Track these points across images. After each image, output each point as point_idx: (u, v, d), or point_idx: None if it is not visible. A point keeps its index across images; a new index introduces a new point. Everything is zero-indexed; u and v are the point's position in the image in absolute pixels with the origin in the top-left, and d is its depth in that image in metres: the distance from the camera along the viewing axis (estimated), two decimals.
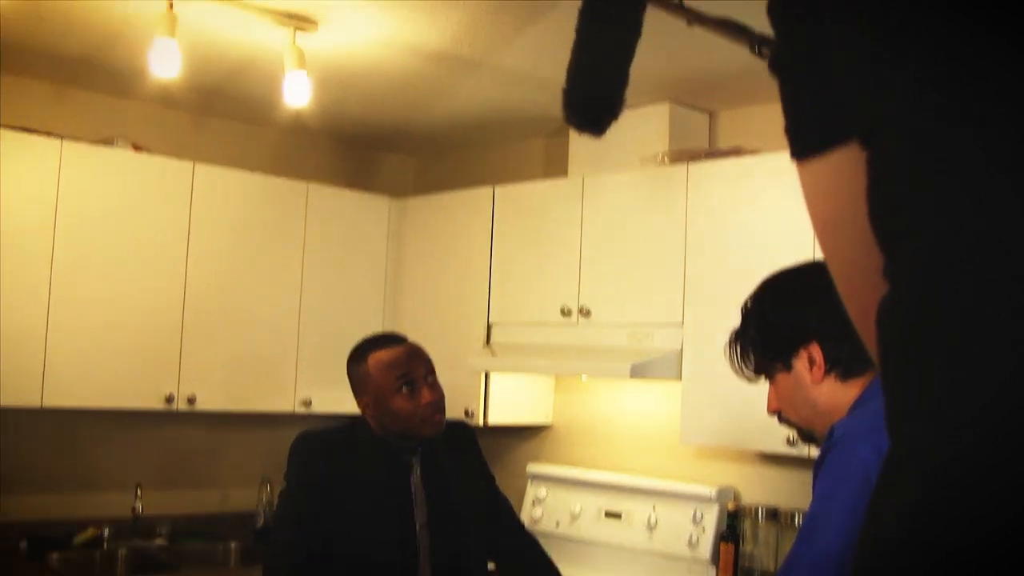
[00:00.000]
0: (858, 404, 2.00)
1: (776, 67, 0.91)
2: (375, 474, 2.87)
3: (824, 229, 0.94)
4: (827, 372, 2.02)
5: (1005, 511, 0.68)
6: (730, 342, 2.17)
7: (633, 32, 2.47)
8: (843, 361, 2.01)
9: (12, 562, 4.15)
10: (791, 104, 0.93)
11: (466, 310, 4.69)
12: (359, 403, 2.93)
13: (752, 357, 2.13)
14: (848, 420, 1.96)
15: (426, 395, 2.86)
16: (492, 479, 3.19)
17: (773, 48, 0.91)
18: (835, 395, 2.03)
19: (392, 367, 2.87)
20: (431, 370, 2.93)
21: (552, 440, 4.89)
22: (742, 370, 2.16)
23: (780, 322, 2.08)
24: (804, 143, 0.92)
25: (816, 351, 2.02)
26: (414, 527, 2.86)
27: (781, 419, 2.17)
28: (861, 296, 0.91)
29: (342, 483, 2.82)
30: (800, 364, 2.05)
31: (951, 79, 0.73)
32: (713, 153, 3.96)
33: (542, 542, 3.28)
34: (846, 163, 0.87)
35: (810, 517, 1.88)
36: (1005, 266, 0.70)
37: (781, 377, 2.09)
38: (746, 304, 2.16)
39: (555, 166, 4.88)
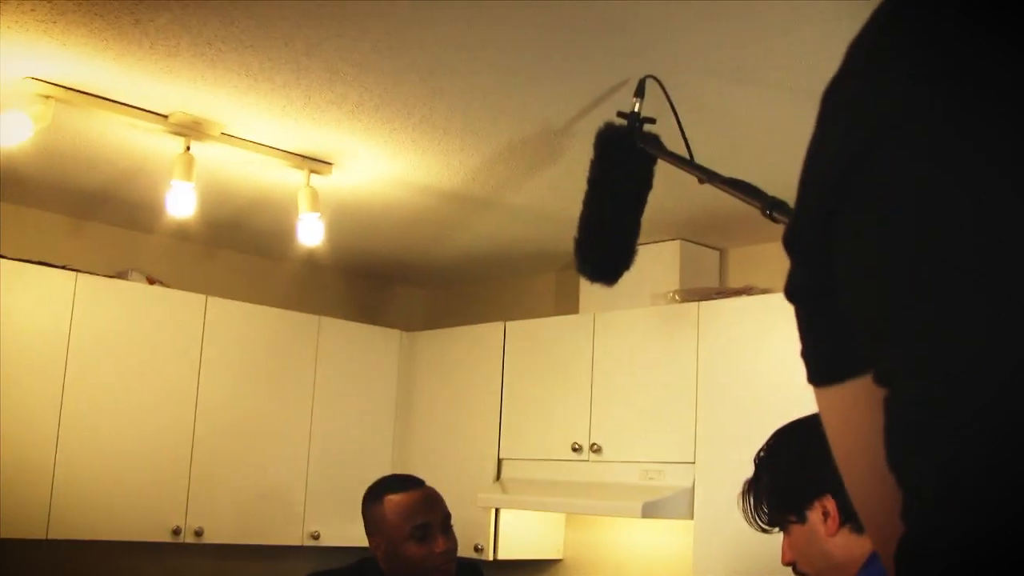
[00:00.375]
0: (873, 559, 1.97)
1: (790, 296, 0.90)
2: None
3: (843, 457, 0.92)
4: (842, 524, 2.00)
5: None
6: (743, 492, 2.15)
7: (644, 186, 2.51)
8: (855, 514, 1.99)
9: None
10: (806, 332, 0.91)
11: (476, 445, 4.66)
12: (370, 543, 2.90)
13: (766, 509, 2.11)
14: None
15: (440, 544, 2.83)
16: None
17: (788, 277, 0.89)
18: (850, 547, 2.00)
19: (408, 513, 2.83)
20: (447, 518, 2.89)
21: None
22: (756, 521, 2.13)
23: (794, 474, 2.05)
24: (818, 372, 0.91)
25: (830, 503, 2.00)
26: None
27: (795, 572, 2.13)
28: (880, 526, 0.88)
29: None
30: (814, 516, 2.02)
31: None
32: (724, 292, 3.98)
33: None
34: (862, 394, 0.84)
35: None
36: None
37: (795, 529, 2.07)
38: (759, 454, 2.14)
39: (566, 300, 4.90)
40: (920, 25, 0.75)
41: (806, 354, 0.91)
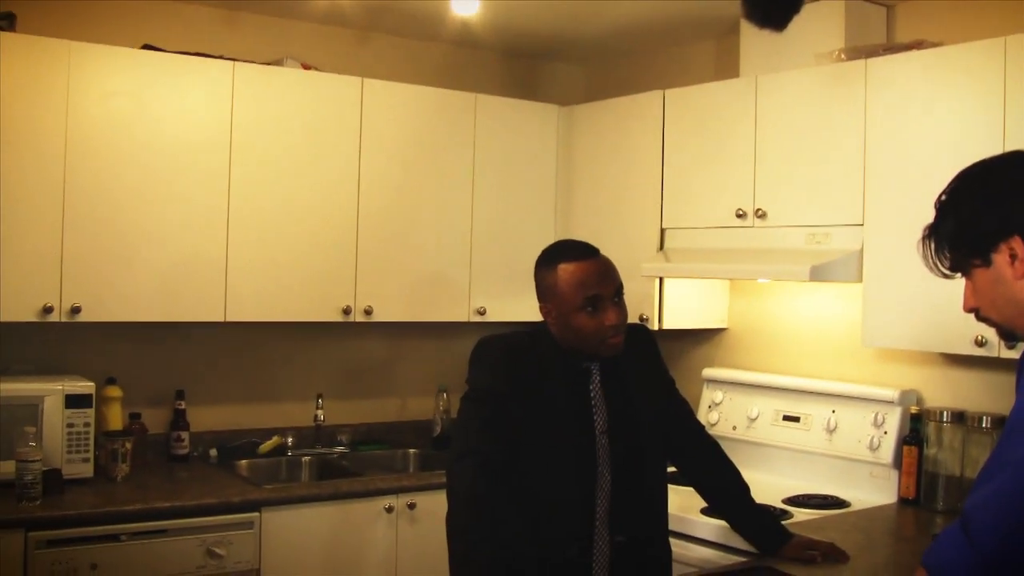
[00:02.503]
0: None
1: None
2: (555, 381, 2.86)
3: None
4: None
5: None
6: (924, 237, 2.07)
7: None
8: None
9: (204, 469, 4.33)
10: None
11: (638, 216, 4.65)
12: (541, 309, 2.90)
13: (948, 253, 2.04)
14: None
15: (611, 317, 2.81)
16: (672, 383, 3.17)
17: None
18: None
19: (581, 283, 2.81)
20: (619, 289, 2.86)
21: (728, 344, 4.85)
22: (937, 266, 2.06)
23: (980, 215, 1.97)
24: None
25: (1019, 245, 1.93)
26: (594, 433, 2.86)
27: (979, 317, 2.07)
28: None
29: (523, 389, 2.82)
30: (1001, 259, 1.96)
31: None
32: (892, 48, 3.81)
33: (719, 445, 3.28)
34: None
35: (1016, 414, 1.81)
36: None
37: (979, 273, 2.00)
38: (941, 197, 2.06)
39: (726, 68, 4.77)
40: None
41: None
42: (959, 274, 2.07)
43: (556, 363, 2.88)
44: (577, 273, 2.82)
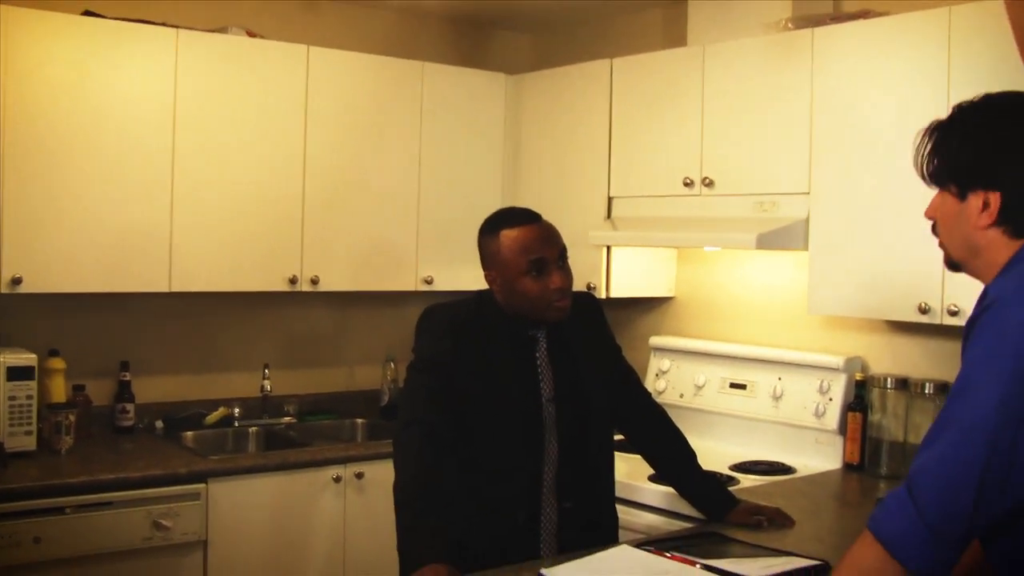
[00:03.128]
0: (1013, 264, 1.93)
1: None
2: (501, 349, 2.86)
3: None
4: (996, 223, 1.95)
5: None
6: (929, 130, 2.05)
7: None
8: (1016, 221, 1.94)
9: (150, 441, 4.30)
10: None
11: (586, 184, 4.65)
12: (486, 276, 2.90)
13: (936, 163, 2.03)
14: (1001, 281, 1.90)
15: (555, 280, 2.81)
16: (618, 350, 3.18)
17: None
18: (995, 248, 1.96)
19: (524, 248, 2.81)
20: (563, 253, 2.87)
21: (675, 312, 4.87)
22: (922, 164, 2.05)
23: (978, 153, 1.97)
24: None
25: (995, 200, 1.94)
26: (541, 401, 2.86)
27: (934, 231, 2.10)
28: None
29: (469, 358, 2.82)
30: (974, 201, 1.96)
31: None
32: (839, 17, 3.82)
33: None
34: None
35: (962, 379, 1.83)
36: None
37: (950, 199, 2.01)
38: (963, 106, 2.03)
39: (673, 36, 4.77)
40: None
41: None
42: (933, 184, 2.07)
43: (502, 331, 2.88)
44: (520, 238, 2.82)
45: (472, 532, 2.78)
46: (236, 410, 4.68)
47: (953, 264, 2.09)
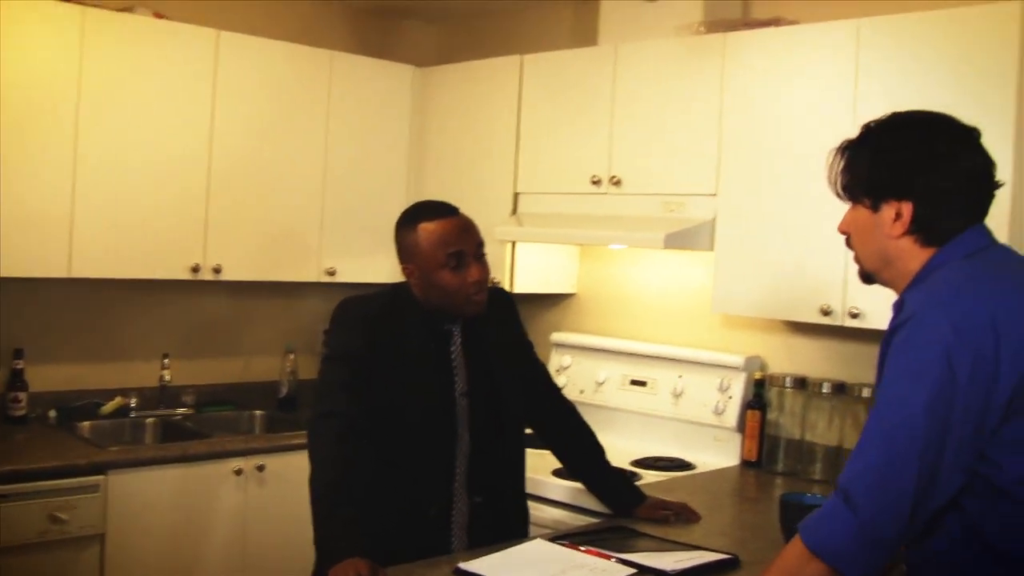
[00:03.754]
0: (926, 273, 2.01)
1: None
2: (416, 342, 2.87)
3: None
4: (908, 232, 2.03)
5: None
6: (840, 149, 2.14)
7: None
8: (931, 230, 2.01)
9: (43, 431, 4.20)
10: None
11: (492, 180, 4.66)
12: (404, 269, 2.90)
13: (848, 177, 2.12)
14: (916, 294, 1.96)
15: (473, 273, 2.83)
16: (531, 346, 3.21)
17: None
18: (908, 257, 2.05)
19: (442, 241, 2.82)
20: (480, 246, 2.88)
21: (576, 309, 4.91)
22: (835, 181, 2.14)
23: (890, 166, 2.05)
24: None
25: (907, 210, 2.02)
26: (454, 395, 2.88)
27: (848, 244, 2.17)
28: None
29: (384, 350, 2.82)
30: (887, 212, 2.05)
31: None
32: (751, 23, 3.89)
33: None
34: None
35: (887, 389, 1.89)
36: None
37: (863, 212, 2.09)
38: (871, 125, 2.12)
39: (583, 34, 4.80)
40: None
41: None
42: (846, 199, 2.14)
43: (417, 325, 2.89)
44: (438, 230, 2.83)
45: (384, 526, 2.78)
46: (133, 400, 4.59)
47: (867, 276, 2.17)
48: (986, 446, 1.85)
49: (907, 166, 2.03)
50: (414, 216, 2.90)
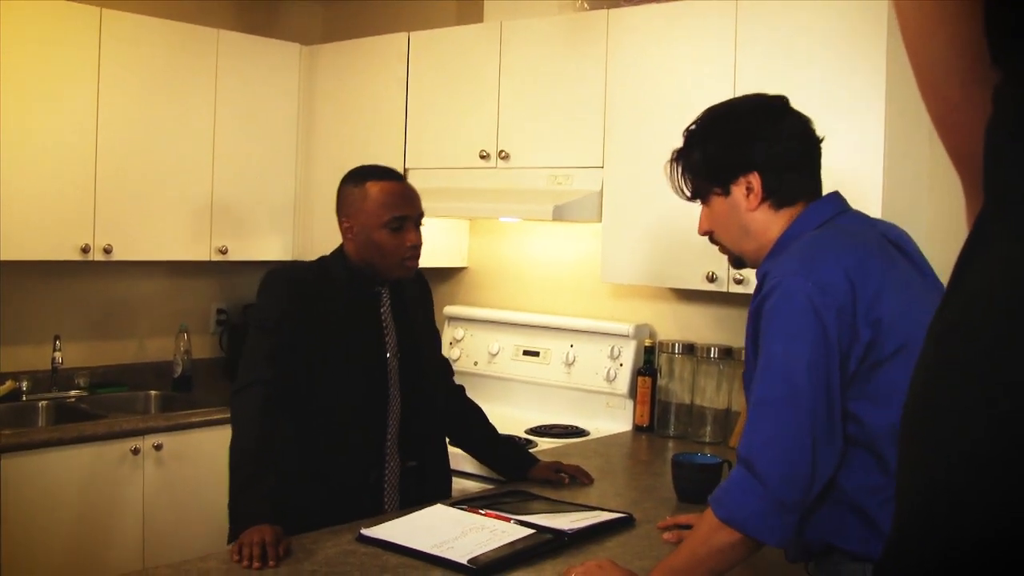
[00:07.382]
0: (782, 245, 2.13)
1: None
2: (346, 305, 2.94)
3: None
4: (762, 201, 2.16)
5: None
6: (672, 161, 2.29)
7: None
8: (778, 192, 2.15)
9: None
10: None
11: (381, 156, 4.64)
12: (341, 223, 2.96)
13: (692, 179, 2.26)
14: (777, 264, 2.06)
15: (411, 237, 2.92)
16: (438, 336, 3.31)
17: None
18: (767, 223, 2.18)
19: (389, 202, 2.90)
20: (421, 216, 2.98)
21: (468, 282, 4.98)
22: (681, 189, 2.29)
23: (725, 149, 2.20)
24: None
25: (756, 180, 2.16)
26: (385, 355, 2.96)
27: (713, 240, 2.31)
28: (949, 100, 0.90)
29: (312, 314, 2.87)
30: (738, 191, 2.19)
31: None
32: (633, 0, 4.00)
33: (461, 380, 3.43)
34: None
35: (767, 359, 1.98)
36: None
37: (717, 201, 2.23)
38: (691, 128, 2.27)
39: (468, 11, 4.86)
40: None
41: None
42: (699, 200, 2.26)
43: (346, 287, 2.95)
44: (386, 191, 2.92)
45: (316, 491, 2.85)
46: (24, 384, 4.54)
47: (737, 260, 2.31)
48: (847, 401, 1.96)
49: (741, 142, 2.18)
50: (364, 174, 2.98)
